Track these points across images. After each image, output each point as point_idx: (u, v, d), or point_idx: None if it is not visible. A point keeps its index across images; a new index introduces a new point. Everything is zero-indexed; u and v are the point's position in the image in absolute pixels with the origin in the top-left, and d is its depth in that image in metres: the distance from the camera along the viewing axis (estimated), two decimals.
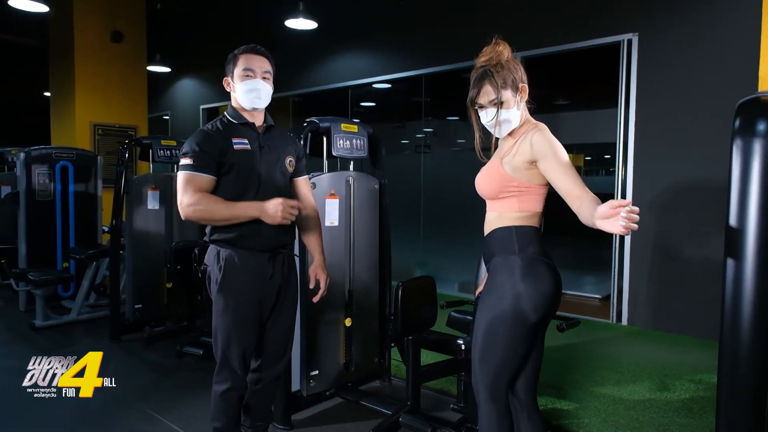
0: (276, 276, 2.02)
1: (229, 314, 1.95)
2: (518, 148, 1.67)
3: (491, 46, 1.72)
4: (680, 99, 4.11)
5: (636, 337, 4.14)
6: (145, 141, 4.02)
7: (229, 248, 1.95)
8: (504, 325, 1.64)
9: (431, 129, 7.08)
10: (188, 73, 8.79)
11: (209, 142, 1.92)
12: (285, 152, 2.08)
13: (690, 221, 4.12)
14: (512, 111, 1.69)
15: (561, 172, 1.58)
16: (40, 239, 4.65)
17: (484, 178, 1.75)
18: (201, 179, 1.88)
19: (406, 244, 6.13)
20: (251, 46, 2.02)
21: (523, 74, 1.72)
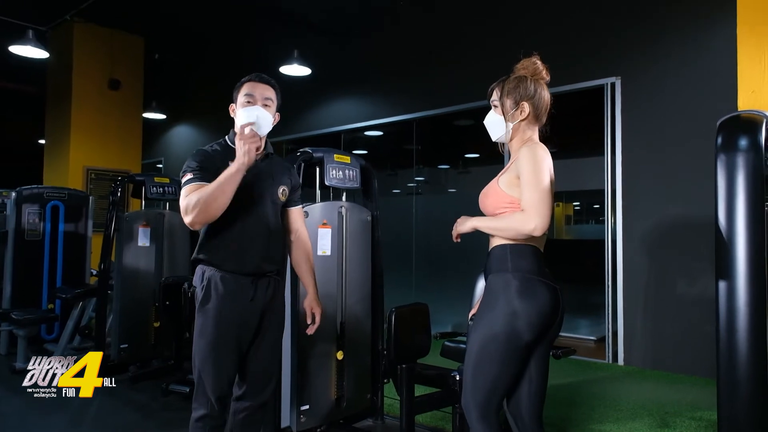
0: (258, 299, 1.97)
1: (206, 335, 1.90)
2: (513, 164, 1.71)
3: (530, 59, 1.80)
4: (665, 138, 4.23)
5: (633, 376, 4.07)
6: (138, 178, 4.04)
7: (213, 269, 1.93)
8: (497, 344, 1.62)
9: (423, 177, 7.19)
10: (183, 120, 8.95)
11: (208, 160, 1.94)
12: (279, 181, 2.08)
13: (681, 259, 4.14)
14: (500, 118, 1.76)
15: (525, 182, 1.62)
16: (26, 279, 4.57)
17: (483, 197, 1.79)
18: (201, 186, 1.86)
19: (398, 287, 6.08)
20: (256, 74, 2.09)
21: (537, 97, 1.75)
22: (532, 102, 1.75)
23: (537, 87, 1.76)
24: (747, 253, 1.55)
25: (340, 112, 6.69)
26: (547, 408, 1.89)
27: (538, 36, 4.97)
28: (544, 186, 1.61)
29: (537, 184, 1.60)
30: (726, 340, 1.57)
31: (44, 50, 5.43)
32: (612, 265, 4.51)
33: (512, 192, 1.68)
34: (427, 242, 6.03)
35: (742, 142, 1.62)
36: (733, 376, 1.66)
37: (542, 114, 1.78)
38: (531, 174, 1.62)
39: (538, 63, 1.79)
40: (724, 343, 1.57)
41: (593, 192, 8.75)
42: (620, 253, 4.44)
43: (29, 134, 10.98)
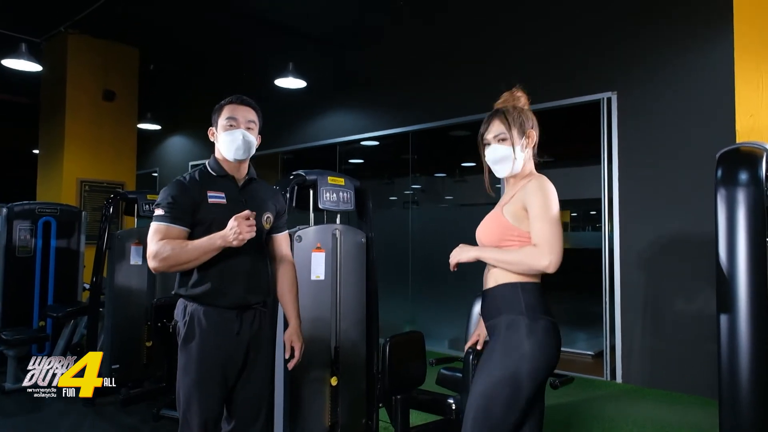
0: (244, 332, 1.91)
1: (190, 372, 1.84)
2: (517, 195, 1.68)
3: (510, 92, 1.78)
4: (661, 154, 4.20)
5: (632, 395, 4.02)
6: (130, 195, 3.98)
7: (195, 303, 1.87)
8: (505, 387, 1.57)
9: (419, 185, 7.16)
10: (178, 131, 8.90)
11: (183, 193, 1.86)
12: (264, 208, 2.01)
13: (679, 274, 4.11)
14: (513, 150, 1.70)
15: (536, 216, 1.59)
16: (17, 297, 4.51)
17: (485, 227, 1.74)
18: (171, 230, 1.81)
19: (394, 300, 6.03)
20: (237, 96, 2.02)
21: (534, 124, 1.75)
22: (533, 127, 1.75)
23: (530, 114, 1.77)
24: (748, 290, 1.51)
25: (336, 124, 6.66)
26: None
27: (535, 50, 4.96)
28: (556, 220, 1.58)
29: (549, 218, 1.58)
30: (728, 382, 1.52)
31: (37, 63, 5.39)
32: (609, 281, 4.47)
33: (520, 224, 1.64)
34: (424, 254, 5.99)
35: (742, 176, 1.58)
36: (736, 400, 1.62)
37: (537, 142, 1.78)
38: (542, 208, 1.59)
39: (522, 95, 1.80)
40: (726, 384, 1.53)
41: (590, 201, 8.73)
42: (617, 266, 4.40)
43: (23, 144, 10.92)
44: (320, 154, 7.05)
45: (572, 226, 14.85)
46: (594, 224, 12.38)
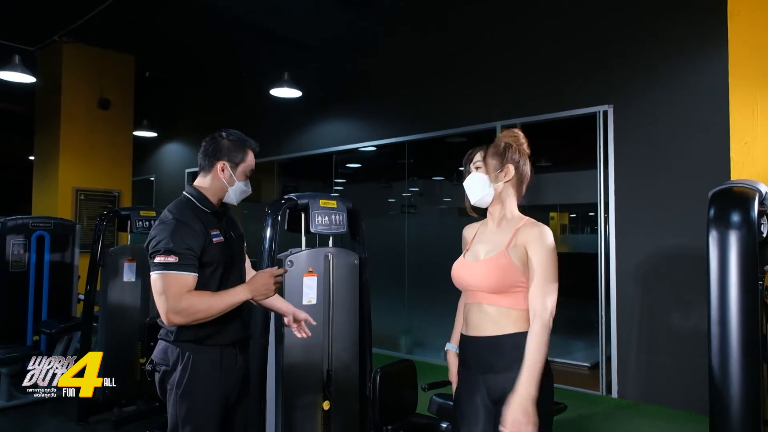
0: (240, 364, 1.91)
1: (192, 421, 1.78)
2: (520, 240, 1.64)
3: (509, 130, 1.79)
4: (657, 167, 4.19)
5: (627, 410, 4.01)
6: (123, 212, 3.95)
7: (195, 346, 1.79)
8: None
9: (417, 188, 7.13)
10: (174, 138, 8.88)
11: (191, 236, 1.74)
12: (241, 236, 2.03)
13: (675, 289, 4.10)
14: (485, 178, 1.70)
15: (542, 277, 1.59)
16: (10, 312, 4.48)
17: (489, 273, 1.64)
18: (186, 279, 1.68)
19: (391, 308, 6.02)
20: (256, 144, 1.98)
21: (521, 162, 1.71)
22: (517, 166, 1.71)
23: (521, 156, 1.73)
24: (740, 337, 1.49)
25: (332, 133, 6.64)
26: None
27: (531, 62, 4.94)
28: (556, 279, 1.60)
29: (551, 278, 1.59)
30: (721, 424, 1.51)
31: (31, 75, 5.36)
32: (605, 291, 4.46)
33: (525, 270, 1.62)
34: (420, 260, 5.97)
35: (734, 218, 1.56)
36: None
37: (524, 183, 1.74)
38: (546, 264, 1.59)
39: (520, 135, 1.76)
40: None
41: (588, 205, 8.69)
42: (613, 277, 4.39)
43: (19, 151, 10.89)
44: (316, 161, 7.03)
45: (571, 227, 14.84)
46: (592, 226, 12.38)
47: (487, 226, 1.77)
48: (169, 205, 1.88)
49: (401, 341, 5.96)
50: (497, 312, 1.64)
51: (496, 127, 5.06)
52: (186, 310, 1.66)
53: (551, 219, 12.31)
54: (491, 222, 1.76)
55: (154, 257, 1.70)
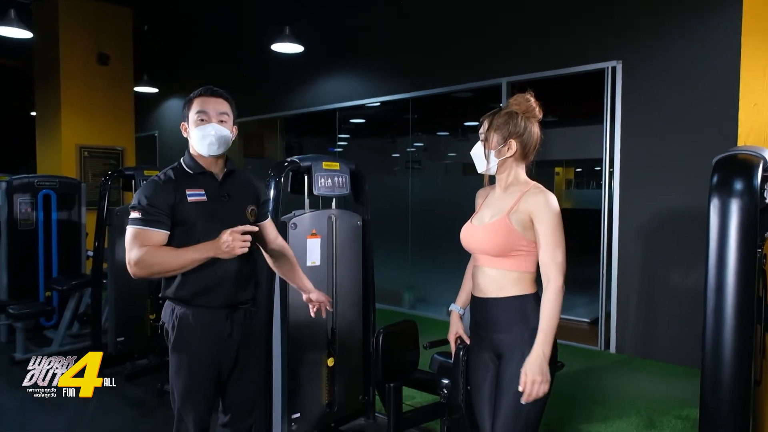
0: (235, 333, 1.90)
1: (182, 375, 1.85)
2: (523, 205, 1.66)
3: (523, 95, 1.74)
4: (665, 125, 4.13)
5: (624, 365, 4.12)
6: (127, 172, 3.97)
7: (183, 306, 1.83)
8: (542, 401, 1.66)
9: (421, 144, 7.08)
10: (176, 94, 8.76)
11: (159, 194, 1.78)
12: (246, 200, 1.97)
13: (677, 248, 4.12)
14: (486, 151, 1.72)
15: (547, 241, 1.62)
16: (22, 269, 4.58)
17: (491, 236, 1.69)
18: (150, 234, 1.75)
19: (394, 264, 6.09)
20: (207, 88, 1.91)
21: (527, 135, 1.70)
22: (521, 140, 1.70)
23: (527, 124, 1.71)
24: (735, 304, 1.52)
25: (335, 90, 6.53)
26: None
27: (539, 16, 4.79)
28: (563, 245, 1.63)
29: (560, 244, 1.62)
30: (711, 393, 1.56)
31: (28, 30, 5.25)
32: (608, 248, 4.49)
33: (528, 234, 1.66)
34: (424, 216, 6.00)
35: (737, 186, 1.56)
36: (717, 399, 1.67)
37: (530, 152, 1.74)
38: (554, 231, 1.62)
39: (531, 100, 1.72)
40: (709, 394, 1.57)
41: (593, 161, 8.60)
42: (616, 234, 4.41)
43: (21, 107, 10.80)
44: (319, 117, 6.95)
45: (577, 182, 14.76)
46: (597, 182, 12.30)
47: (495, 191, 1.80)
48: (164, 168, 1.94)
49: (404, 297, 6.06)
50: (499, 274, 1.69)
51: (501, 83, 4.96)
52: (142, 263, 1.71)
53: (556, 174, 12.22)
54: (498, 187, 1.78)
55: (129, 213, 1.80)
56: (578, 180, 13.64)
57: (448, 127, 8.32)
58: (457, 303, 1.96)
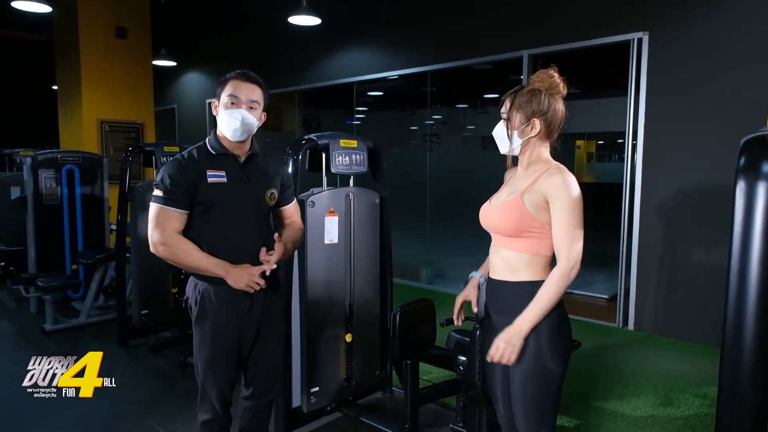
0: (255, 309, 1.95)
1: (205, 349, 1.92)
2: (538, 185, 1.61)
3: (546, 71, 1.67)
4: (691, 100, 4.01)
5: (642, 343, 4.10)
6: (147, 148, 4.00)
7: (205, 282, 1.89)
8: (557, 383, 1.64)
9: (440, 117, 6.99)
10: (194, 67, 8.76)
11: (181, 174, 1.82)
12: (268, 184, 1.99)
13: (700, 225, 4.05)
14: (510, 132, 1.67)
15: (561, 221, 1.57)
16: (48, 243, 4.70)
17: (502, 215, 1.66)
18: (171, 214, 1.81)
19: (411, 240, 6.10)
20: (242, 72, 1.92)
21: (551, 113, 1.64)
22: (545, 118, 1.64)
23: (551, 102, 1.64)
24: (759, 289, 1.49)
25: (353, 63, 6.45)
26: None
27: None
28: (581, 229, 1.57)
29: (575, 228, 1.56)
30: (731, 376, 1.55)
31: (46, 4, 5.26)
32: (628, 224, 4.44)
33: (540, 215, 1.60)
34: (442, 189, 5.96)
35: (765, 168, 1.51)
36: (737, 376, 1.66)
37: (555, 130, 1.68)
38: (569, 214, 1.56)
39: (555, 76, 1.65)
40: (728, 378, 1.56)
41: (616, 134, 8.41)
42: (637, 210, 4.34)
43: (43, 81, 10.90)
44: (337, 90, 6.90)
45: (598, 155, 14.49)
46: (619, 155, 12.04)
47: (518, 170, 1.76)
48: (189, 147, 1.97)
49: (422, 272, 6.09)
50: (512, 255, 1.66)
51: (522, 56, 4.85)
52: (165, 247, 1.80)
53: (577, 148, 12.00)
54: (520, 167, 1.74)
55: (153, 189, 1.86)
56: (600, 153, 13.39)
57: (468, 101, 8.19)
58: (479, 271, 1.89)
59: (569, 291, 5.67)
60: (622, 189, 4.50)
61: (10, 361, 3.74)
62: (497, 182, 1.86)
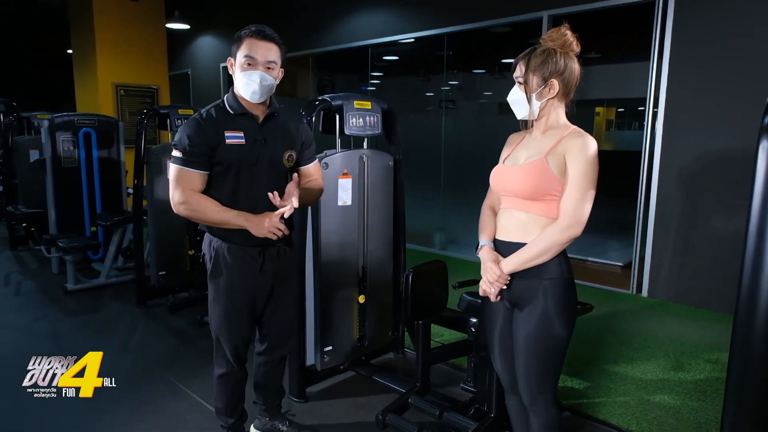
0: (267, 267, 1.97)
1: (219, 304, 1.96)
2: (561, 148, 1.58)
3: (558, 30, 1.62)
4: (716, 64, 3.88)
5: (655, 309, 4.10)
6: (162, 111, 4.01)
7: (219, 240, 1.92)
8: (564, 342, 1.65)
9: (456, 82, 6.87)
10: (207, 30, 8.67)
11: (200, 134, 1.82)
12: (286, 145, 1.97)
13: (719, 193, 3.98)
14: (526, 96, 1.62)
15: (575, 183, 1.54)
16: (67, 205, 4.78)
17: (525, 177, 1.61)
18: (191, 175, 1.81)
19: (425, 205, 6.10)
20: (258, 30, 1.84)
21: (568, 72, 1.60)
22: (562, 78, 1.60)
23: (567, 60, 1.60)
24: None
25: (368, 25, 6.33)
26: None
27: None
28: (592, 191, 1.55)
29: (586, 188, 1.54)
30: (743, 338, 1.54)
31: None
32: (646, 190, 4.38)
33: (562, 177, 1.58)
34: (457, 156, 5.91)
35: None
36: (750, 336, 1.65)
37: (572, 90, 1.64)
38: (583, 175, 1.54)
39: (567, 34, 1.60)
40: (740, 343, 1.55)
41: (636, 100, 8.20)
42: (656, 176, 4.27)
43: (57, 44, 10.88)
44: (350, 56, 6.80)
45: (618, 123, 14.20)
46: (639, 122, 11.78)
47: (532, 133, 1.72)
48: (207, 106, 1.94)
49: (435, 238, 6.10)
50: (528, 218, 1.64)
51: (542, 16, 4.71)
52: (186, 205, 1.82)
53: (596, 114, 11.75)
54: (537, 130, 1.70)
55: (172, 150, 1.86)
56: (619, 121, 13.10)
57: (485, 65, 8.01)
58: (485, 238, 1.78)
59: (583, 258, 5.63)
60: (641, 157, 4.42)
61: (35, 318, 3.86)
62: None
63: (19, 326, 3.71)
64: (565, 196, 1.56)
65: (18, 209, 5.46)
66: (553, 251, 1.58)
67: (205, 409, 2.60)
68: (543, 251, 1.58)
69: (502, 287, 1.66)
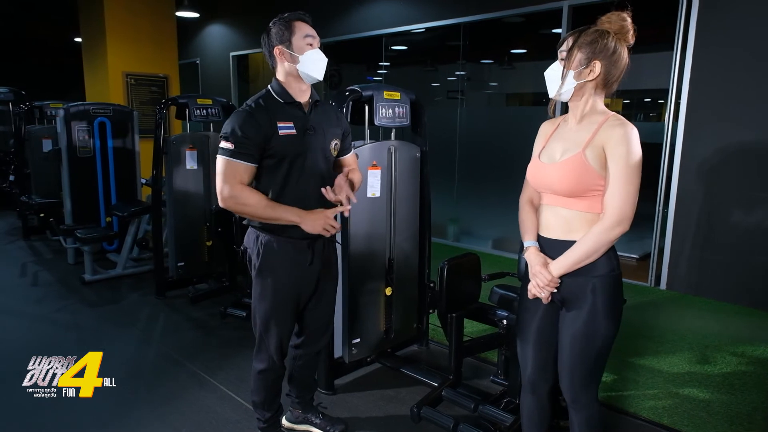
0: (316, 262, 1.96)
1: (267, 300, 1.93)
2: (599, 139, 1.51)
3: (618, 14, 1.56)
4: (744, 54, 3.84)
5: (675, 302, 4.09)
6: (180, 100, 3.97)
7: (268, 234, 1.89)
8: (611, 341, 1.63)
9: (471, 72, 6.80)
10: (217, 19, 8.59)
11: (252, 126, 1.77)
12: (331, 134, 1.96)
13: (740, 185, 3.95)
14: (565, 72, 1.54)
15: (619, 176, 1.48)
16: (83, 195, 4.75)
17: (565, 174, 1.54)
18: (241, 168, 1.77)
19: (439, 197, 6.05)
20: (301, 13, 1.86)
21: (616, 57, 1.53)
22: (607, 63, 1.52)
23: (618, 46, 1.53)
24: None
25: (383, 14, 6.27)
26: None
27: None
28: (637, 182, 1.49)
29: (632, 183, 1.48)
30: None
31: None
32: (666, 181, 4.35)
33: (603, 171, 1.51)
34: (471, 147, 5.87)
35: None
36: None
37: (614, 81, 1.56)
38: (626, 168, 1.47)
39: (627, 20, 1.53)
40: None
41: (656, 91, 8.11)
42: (677, 167, 4.24)
43: (66, 33, 10.79)
44: (365, 46, 6.73)
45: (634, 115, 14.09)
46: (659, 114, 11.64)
47: (567, 122, 1.64)
48: (252, 97, 1.90)
49: (449, 229, 6.08)
50: (572, 215, 1.58)
51: (563, 6, 4.65)
52: (233, 199, 1.78)
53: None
54: (572, 118, 1.62)
55: (220, 141, 1.81)
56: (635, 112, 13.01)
57: (502, 57, 7.92)
58: (528, 238, 1.72)
59: None
60: (661, 149, 4.38)
61: (56, 309, 3.86)
62: (528, 141, 1.76)
63: (40, 317, 3.70)
64: (609, 192, 1.50)
65: (32, 199, 5.45)
66: (601, 251, 1.54)
67: (234, 401, 2.60)
68: (591, 251, 1.53)
69: (553, 290, 1.63)
